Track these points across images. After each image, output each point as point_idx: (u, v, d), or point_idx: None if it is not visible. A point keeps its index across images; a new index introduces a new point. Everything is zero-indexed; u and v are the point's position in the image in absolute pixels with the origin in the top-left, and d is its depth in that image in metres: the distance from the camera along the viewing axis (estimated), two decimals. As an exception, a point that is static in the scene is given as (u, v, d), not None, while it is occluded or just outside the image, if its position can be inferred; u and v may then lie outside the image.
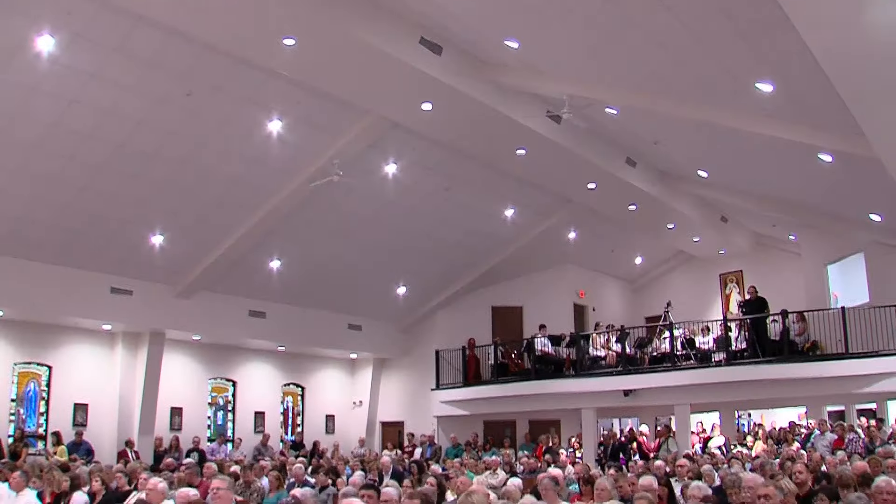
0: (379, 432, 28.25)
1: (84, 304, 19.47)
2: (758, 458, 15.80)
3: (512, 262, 25.75)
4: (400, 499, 8.33)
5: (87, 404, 21.09)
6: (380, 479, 15.07)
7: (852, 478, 9.84)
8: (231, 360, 24.88)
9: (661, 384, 21.85)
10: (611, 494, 8.93)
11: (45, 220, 17.20)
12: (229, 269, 20.69)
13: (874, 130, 12.09)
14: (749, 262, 28.52)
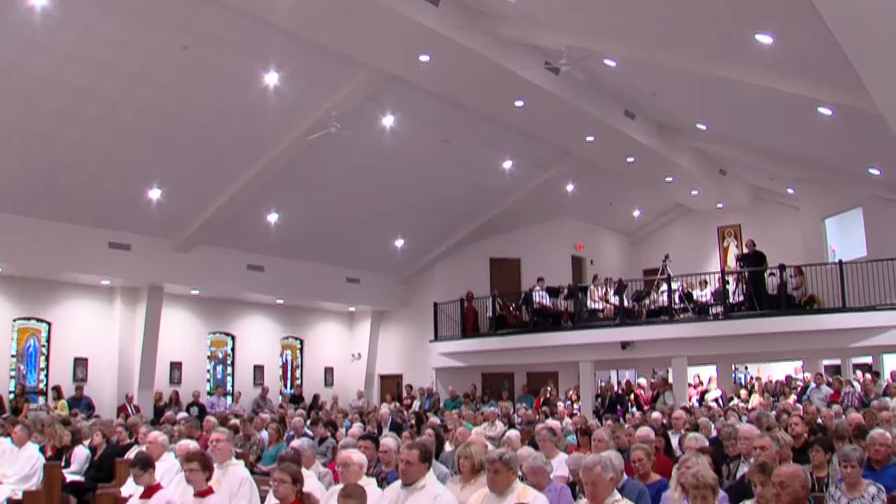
0: (377, 385, 28.37)
1: (82, 259, 19.45)
2: (754, 411, 15.89)
3: (510, 214, 25.70)
4: (398, 450, 8.36)
5: (87, 359, 21.17)
6: (379, 431, 15.16)
7: (847, 430, 9.88)
8: (230, 314, 24.92)
9: (658, 337, 21.91)
10: (608, 445, 8.96)
11: (43, 176, 17.10)
12: (227, 222, 20.63)
13: (876, 84, 11.99)
14: (747, 215, 28.49)
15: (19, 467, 10.99)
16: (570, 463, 8.34)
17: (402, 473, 7.00)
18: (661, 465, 9.05)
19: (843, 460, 7.57)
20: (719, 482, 7.18)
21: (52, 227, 18.39)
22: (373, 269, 26.24)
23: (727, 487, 7.80)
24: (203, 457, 7.37)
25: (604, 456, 6.33)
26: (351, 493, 6.06)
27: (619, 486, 6.64)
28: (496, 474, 6.50)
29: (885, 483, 7.66)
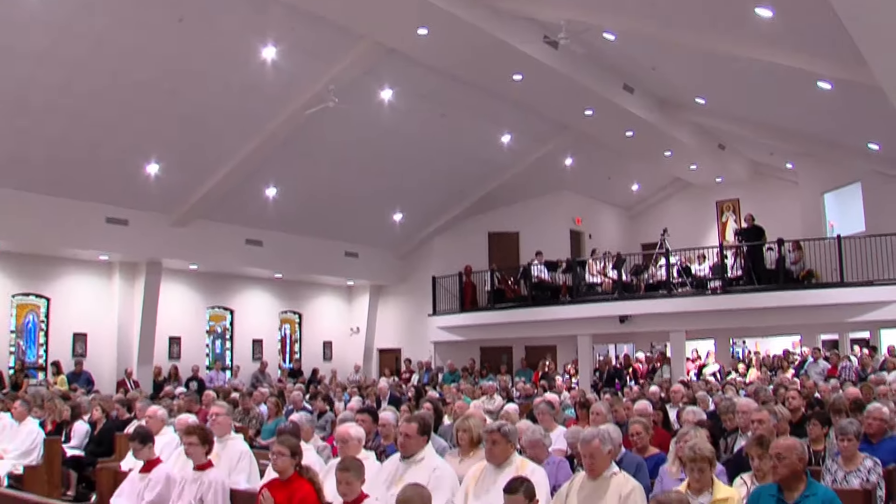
0: (376, 359, 28.43)
1: (80, 234, 19.39)
2: (752, 385, 15.96)
3: (508, 188, 25.67)
4: (397, 423, 8.40)
5: (86, 335, 21.18)
6: (377, 405, 15.22)
7: (845, 404, 9.94)
8: (228, 289, 24.93)
9: (656, 311, 21.95)
10: (606, 419, 9.00)
11: (40, 152, 16.99)
12: (225, 197, 20.55)
13: (875, 56, 11.96)
14: (746, 190, 28.50)
15: (19, 442, 11.05)
16: (569, 436, 8.38)
17: (401, 446, 7.04)
18: (659, 439, 9.11)
19: (839, 433, 7.62)
20: (717, 455, 7.23)
21: (50, 202, 18.31)
22: (371, 243, 26.24)
23: (725, 461, 7.85)
24: (203, 430, 7.40)
25: (602, 429, 6.37)
26: (349, 465, 6.09)
27: (617, 459, 6.69)
28: (494, 445, 6.54)
29: (881, 456, 7.72)
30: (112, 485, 8.09)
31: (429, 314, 26.53)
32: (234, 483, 7.43)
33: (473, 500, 6.47)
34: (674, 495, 5.06)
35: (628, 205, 31.27)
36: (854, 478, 7.38)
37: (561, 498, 6.13)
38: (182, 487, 7.21)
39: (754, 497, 5.97)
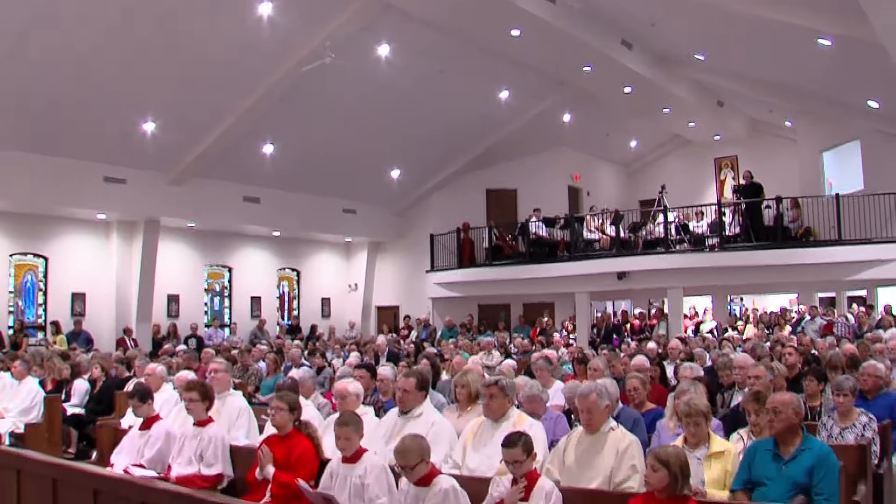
0: (374, 315, 28.52)
1: (78, 193, 19.37)
2: (749, 342, 16.00)
3: (506, 145, 25.58)
4: (395, 379, 8.43)
5: (85, 294, 21.23)
6: (376, 362, 15.27)
7: (841, 360, 10.00)
8: (226, 247, 24.94)
9: (654, 268, 21.95)
10: (604, 374, 9.04)
11: (37, 111, 16.89)
12: (222, 155, 20.47)
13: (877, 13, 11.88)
14: (744, 147, 28.42)
15: (20, 401, 11.09)
16: (566, 391, 8.41)
17: (400, 401, 7.07)
18: (657, 394, 9.16)
19: (835, 389, 7.66)
20: (714, 411, 7.28)
21: (48, 161, 18.28)
22: (369, 200, 26.21)
23: (721, 416, 7.89)
24: (203, 386, 7.43)
25: (599, 384, 6.39)
26: (347, 420, 6.12)
27: (615, 414, 6.71)
28: (492, 399, 6.56)
29: (876, 413, 7.77)
30: (112, 442, 8.14)
31: (427, 271, 26.57)
32: (233, 439, 7.46)
33: (471, 454, 6.50)
34: (671, 449, 5.10)
35: (627, 162, 31.19)
36: (849, 433, 7.43)
37: (558, 452, 6.17)
38: (182, 443, 7.25)
39: (751, 451, 6.01)
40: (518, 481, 5.40)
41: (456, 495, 5.46)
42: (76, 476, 6.77)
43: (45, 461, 7.24)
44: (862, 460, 6.64)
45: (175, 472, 7.08)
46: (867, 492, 6.55)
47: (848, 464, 6.25)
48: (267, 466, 6.48)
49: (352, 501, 5.92)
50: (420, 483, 5.53)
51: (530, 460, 5.41)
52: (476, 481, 5.85)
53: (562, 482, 5.76)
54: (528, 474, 5.41)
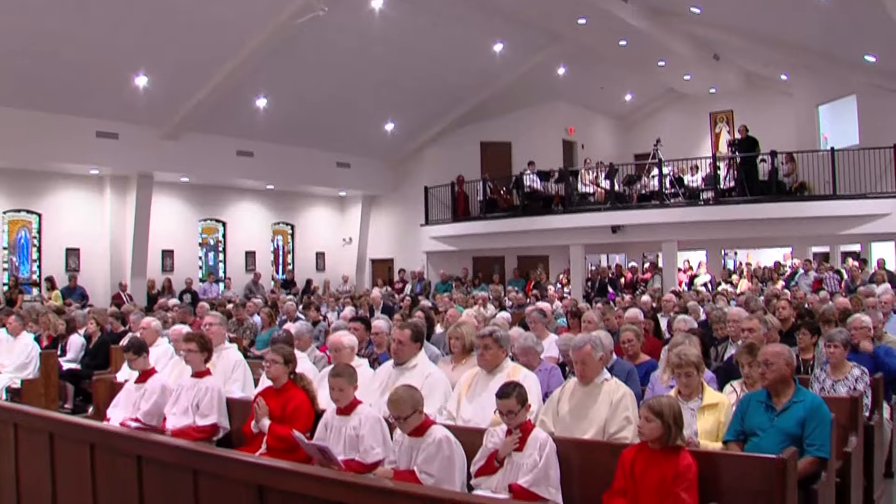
0: (369, 269, 28.58)
1: (70, 149, 19.27)
2: (743, 295, 16.05)
3: (501, 98, 25.44)
4: (390, 331, 8.45)
5: (79, 249, 21.24)
6: (370, 315, 15.28)
7: (834, 314, 10.04)
8: (220, 201, 24.90)
9: (648, 221, 21.96)
10: (598, 327, 9.07)
11: (28, 66, 16.74)
12: (216, 109, 20.33)
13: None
14: (740, 101, 28.33)
15: (15, 356, 11.14)
16: (561, 343, 8.42)
17: (394, 353, 7.09)
18: (651, 347, 9.21)
19: (827, 340, 7.70)
20: (707, 364, 7.31)
21: (39, 117, 18.15)
22: (363, 153, 26.11)
23: (715, 369, 7.93)
24: (202, 338, 7.45)
25: (594, 335, 6.41)
26: (341, 371, 6.15)
27: (609, 366, 6.75)
28: (486, 350, 6.57)
29: (868, 366, 7.82)
30: (108, 396, 8.16)
31: (421, 224, 26.57)
32: (228, 392, 7.49)
33: (466, 405, 6.54)
34: (664, 400, 5.13)
35: (621, 115, 31.09)
36: (841, 386, 7.49)
37: (553, 403, 6.20)
38: (178, 394, 7.27)
39: (743, 403, 6.04)
40: (512, 432, 5.43)
41: (450, 445, 5.50)
42: (72, 430, 6.79)
43: (42, 415, 7.26)
44: (854, 413, 6.70)
45: (171, 423, 7.12)
46: (858, 443, 6.62)
47: (840, 416, 6.30)
48: (262, 419, 6.52)
49: (346, 453, 5.96)
50: (414, 434, 5.57)
51: (524, 411, 5.44)
52: (470, 432, 5.88)
53: (556, 433, 5.80)
54: (523, 425, 5.44)
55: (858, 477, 6.69)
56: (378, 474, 5.69)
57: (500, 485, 5.39)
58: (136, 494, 6.02)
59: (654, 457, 5.01)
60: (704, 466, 5.01)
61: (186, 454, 5.80)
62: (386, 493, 4.76)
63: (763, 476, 4.88)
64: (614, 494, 5.10)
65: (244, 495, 5.31)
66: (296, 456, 6.05)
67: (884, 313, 10.91)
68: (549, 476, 5.30)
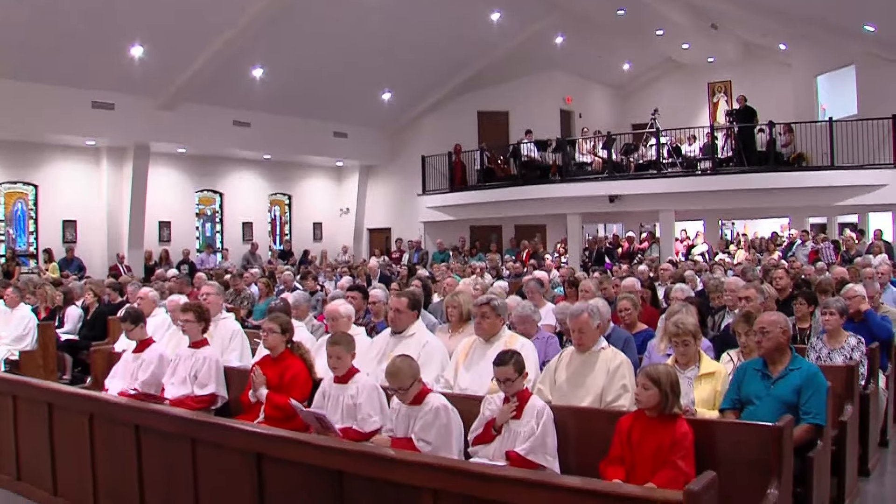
0: (366, 239, 28.56)
1: (66, 120, 19.14)
2: (740, 265, 16.06)
3: (498, 67, 25.30)
4: (387, 300, 8.46)
5: (76, 221, 21.22)
6: (368, 285, 15.28)
7: (831, 284, 10.05)
8: (217, 171, 24.84)
9: (646, 190, 21.95)
10: (595, 296, 9.08)
11: (22, 38, 16.59)
12: (212, 79, 20.21)
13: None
14: (738, 71, 28.25)
15: (13, 328, 11.14)
16: (558, 312, 8.44)
17: (392, 321, 7.10)
18: (648, 316, 9.22)
19: (823, 308, 7.73)
20: (704, 333, 7.32)
21: (35, 88, 18.02)
22: (360, 123, 26.01)
23: (712, 338, 7.95)
24: (199, 307, 7.45)
25: (591, 303, 6.42)
26: (339, 339, 6.16)
27: (606, 334, 6.75)
28: (483, 319, 6.58)
29: (864, 335, 7.84)
30: (106, 367, 8.18)
31: (418, 194, 26.55)
32: (226, 362, 7.51)
33: (463, 373, 6.56)
34: (662, 368, 5.14)
35: (619, 84, 30.96)
36: (838, 355, 7.52)
37: (550, 371, 6.21)
38: (176, 364, 7.29)
39: (740, 371, 6.07)
40: (510, 400, 5.45)
41: (447, 413, 5.52)
42: (71, 400, 6.82)
43: (40, 386, 7.29)
44: (849, 381, 6.73)
45: (169, 393, 7.14)
46: (853, 412, 6.65)
47: (836, 384, 6.33)
48: (260, 388, 6.54)
49: (344, 421, 5.98)
50: (411, 402, 5.59)
51: (522, 379, 5.45)
52: (468, 400, 5.91)
53: (553, 401, 5.81)
54: (520, 393, 5.46)
55: (853, 445, 6.74)
56: (375, 442, 5.72)
57: (497, 452, 5.41)
58: (135, 463, 6.06)
59: (651, 425, 5.03)
60: (701, 434, 5.03)
61: (185, 423, 5.83)
62: (384, 461, 4.80)
63: (759, 444, 4.90)
64: (611, 462, 5.12)
65: (242, 463, 5.34)
66: (293, 424, 6.08)
67: (880, 284, 10.93)
68: (546, 444, 5.32)
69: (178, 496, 5.76)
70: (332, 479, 4.91)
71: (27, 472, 7.15)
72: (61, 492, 6.78)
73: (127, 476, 6.11)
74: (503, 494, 4.25)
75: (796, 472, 5.20)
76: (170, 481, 5.83)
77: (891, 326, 8.63)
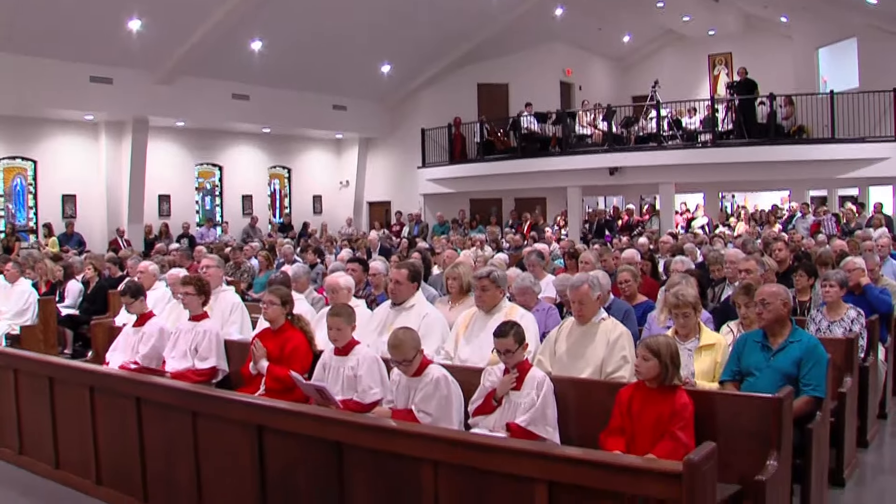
0: (366, 212, 28.53)
1: (64, 95, 19.05)
2: (740, 238, 16.05)
3: (498, 39, 25.14)
4: (387, 272, 8.46)
5: (76, 196, 21.19)
6: (368, 257, 15.28)
7: (831, 256, 10.05)
8: (216, 145, 24.76)
9: (646, 163, 21.86)
10: (595, 267, 9.09)
11: (19, 12, 16.50)
12: (210, 52, 20.09)
13: None
14: (739, 43, 28.14)
15: (13, 303, 11.14)
16: (558, 283, 8.43)
17: (392, 293, 7.09)
18: (647, 288, 9.23)
19: (824, 280, 7.73)
20: (704, 305, 7.32)
21: (32, 63, 17.94)
22: (359, 95, 25.90)
23: (712, 310, 7.96)
24: (199, 280, 7.45)
25: (591, 275, 6.42)
26: (339, 311, 6.16)
27: (606, 306, 6.75)
28: (484, 292, 6.57)
29: (864, 307, 7.86)
30: (107, 340, 8.19)
31: (418, 167, 26.50)
32: (226, 334, 7.52)
33: (464, 345, 6.57)
34: (661, 339, 5.14)
35: (619, 57, 30.83)
36: (837, 327, 7.54)
37: (550, 343, 6.22)
38: (177, 338, 7.30)
39: (740, 343, 6.07)
40: (510, 371, 5.46)
41: (447, 385, 5.53)
42: (72, 374, 6.84)
43: (41, 360, 7.31)
44: (849, 353, 6.74)
45: (170, 366, 7.16)
46: (853, 384, 6.67)
47: (835, 356, 6.34)
48: (260, 360, 6.55)
49: (344, 392, 6.00)
50: (412, 374, 5.59)
51: (522, 350, 5.45)
52: (468, 371, 5.92)
53: (553, 372, 5.83)
54: (520, 364, 5.46)
55: (852, 417, 6.77)
56: (376, 414, 5.74)
57: (497, 424, 5.43)
58: (136, 436, 6.08)
59: (651, 396, 5.04)
60: (701, 406, 5.04)
61: (185, 395, 5.85)
62: (384, 432, 4.81)
63: (759, 415, 4.92)
64: (611, 433, 5.14)
65: (243, 435, 5.36)
66: (294, 396, 6.11)
67: (881, 256, 10.92)
68: (547, 415, 5.33)
69: (180, 468, 5.79)
70: (332, 451, 4.93)
71: (29, 446, 7.19)
72: (63, 465, 6.82)
73: (128, 449, 6.14)
74: (503, 465, 4.27)
75: (795, 443, 5.22)
76: (171, 454, 5.86)
77: (890, 299, 8.65)
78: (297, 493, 5.15)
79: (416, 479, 4.58)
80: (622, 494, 3.90)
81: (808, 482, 5.47)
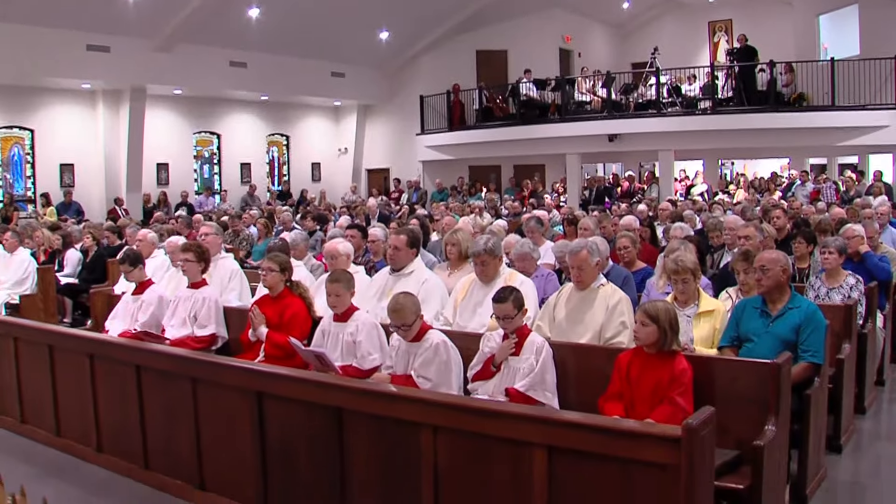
0: (365, 179, 28.47)
1: (61, 63, 18.93)
2: (739, 205, 16.04)
3: (497, 5, 24.96)
4: (386, 239, 8.45)
5: (73, 165, 21.12)
6: (367, 223, 15.26)
7: (830, 224, 10.05)
8: (214, 113, 24.66)
9: (645, 130, 21.82)
10: (594, 233, 9.07)
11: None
12: (208, 19, 19.94)
13: None
14: (739, 10, 27.94)
15: (12, 272, 11.12)
16: (557, 250, 8.41)
17: (391, 259, 7.09)
18: (647, 254, 9.23)
19: (822, 247, 7.73)
20: (703, 271, 7.32)
21: (28, 31, 17.83)
22: (358, 62, 25.75)
23: (711, 276, 7.96)
24: (199, 247, 7.44)
25: (590, 240, 6.40)
26: (338, 277, 6.17)
27: (605, 272, 6.75)
28: (484, 266, 6.54)
29: (863, 275, 7.87)
30: (106, 309, 8.21)
31: (417, 133, 26.42)
32: (225, 301, 7.53)
33: (463, 310, 6.57)
34: (660, 304, 5.15)
35: (619, 23, 30.62)
36: (836, 294, 7.55)
37: (549, 308, 6.23)
38: (176, 305, 7.31)
39: (739, 309, 6.09)
40: (509, 336, 5.47)
41: (446, 349, 5.55)
42: (71, 341, 6.86)
43: (41, 328, 7.34)
44: (847, 320, 6.76)
45: (169, 334, 7.17)
46: (851, 351, 6.69)
47: (834, 323, 6.36)
48: (259, 327, 6.56)
49: (344, 358, 6.01)
50: (412, 339, 5.61)
51: (521, 315, 5.46)
52: (467, 337, 5.94)
53: (552, 338, 5.83)
54: (519, 330, 5.47)
55: (850, 383, 6.80)
56: (375, 379, 5.75)
57: (496, 389, 5.45)
58: (137, 404, 6.11)
59: (650, 361, 5.06)
60: (699, 371, 5.06)
61: (185, 362, 5.86)
62: (384, 398, 4.82)
63: (758, 381, 4.94)
64: (610, 398, 5.16)
65: (243, 402, 5.38)
66: (293, 363, 6.12)
67: (880, 224, 10.93)
68: (546, 380, 5.35)
69: (180, 435, 5.82)
70: (332, 416, 4.95)
71: (30, 414, 7.22)
72: (64, 432, 6.86)
73: (128, 416, 6.17)
74: (503, 430, 4.28)
75: (794, 408, 5.24)
76: (171, 421, 5.89)
77: (889, 266, 8.65)
78: (298, 458, 5.17)
79: (416, 443, 4.60)
80: (621, 459, 3.92)
81: (806, 448, 5.51)
